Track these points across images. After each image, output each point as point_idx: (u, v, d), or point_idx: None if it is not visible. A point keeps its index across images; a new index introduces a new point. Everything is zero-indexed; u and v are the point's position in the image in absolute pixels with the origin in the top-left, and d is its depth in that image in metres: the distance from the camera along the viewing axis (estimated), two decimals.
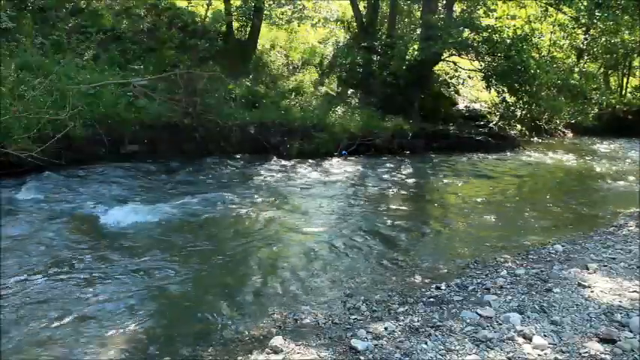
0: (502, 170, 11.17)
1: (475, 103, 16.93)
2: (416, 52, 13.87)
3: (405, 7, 16.28)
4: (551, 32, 17.79)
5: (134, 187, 7.51)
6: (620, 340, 3.21)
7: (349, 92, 14.41)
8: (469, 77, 16.18)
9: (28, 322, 3.61)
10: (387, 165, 10.73)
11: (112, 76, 10.21)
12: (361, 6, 15.65)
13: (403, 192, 8.44)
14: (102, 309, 3.84)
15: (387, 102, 13.49)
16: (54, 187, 7.14)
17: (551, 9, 16.52)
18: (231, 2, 13.81)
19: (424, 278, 4.68)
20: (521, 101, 14.99)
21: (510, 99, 14.92)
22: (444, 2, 14.24)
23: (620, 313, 3.60)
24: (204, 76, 11.05)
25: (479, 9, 13.88)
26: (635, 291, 4.02)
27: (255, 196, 7.48)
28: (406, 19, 16.20)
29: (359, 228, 6.28)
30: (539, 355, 3.10)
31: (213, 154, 9.92)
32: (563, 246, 5.48)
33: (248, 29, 14.01)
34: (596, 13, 14.62)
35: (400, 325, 3.58)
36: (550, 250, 5.38)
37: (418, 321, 3.62)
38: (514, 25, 14.50)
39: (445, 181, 9.77)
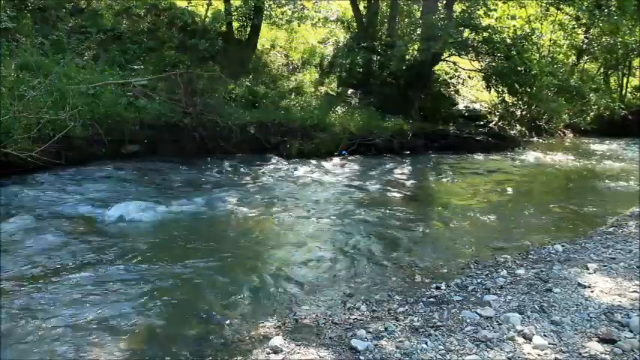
0: (502, 170, 11.17)
1: (475, 103, 16.93)
2: (416, 52, 13.87)
3: (405, 7, 16.28)
4: (552, 32, 17.78)
5: (134, 187, 7.51)
6: (620, 340, 3.21)
7: (349, 92, 14.41)
8: (469, 77, 16.16)
9: (28, 322, 3.61)
10: (387, 165, 10.73)
11: (112, 76, 10.21)
12: (361, 6, 15.64)
13: (403, 192, 8.44)
14: (101, 309, 3.83)
15: (387, 102, 13.49)
16: (54, 187, 7.14)
17: (551, 8, 16.52)
18: (231, 2, 13.80)
19: (424, 278, 4.67)
20: (521, 102, 15.00)
21: (510, 99, 14.93)
22: (444, 2, 14.24)
23: (620, 313, 3.60)
24: (204, 76, 11.07)
25: (479, 9, 13.87)
26: (635, 291, 4.02)
27: (255, 196, 7.48)
28: (406, 19, 16.19)
29: (359, 228, 6.28)
30: (539, 355, 3.10)
31: (213, 154, 9.92)
32: (563, 246, 5.48)
33: (248, 29, 14.01)
34: (597, 13, 14.64)
35: (400, 325, 3.58)
36: (550, 250, 5.38)
37: (418, 321, 3.62)
38: (514, 26, 14.51)
39: (445, 181, 9.77)
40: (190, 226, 5.98)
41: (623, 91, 21.12)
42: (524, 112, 15.95)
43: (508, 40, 13.43)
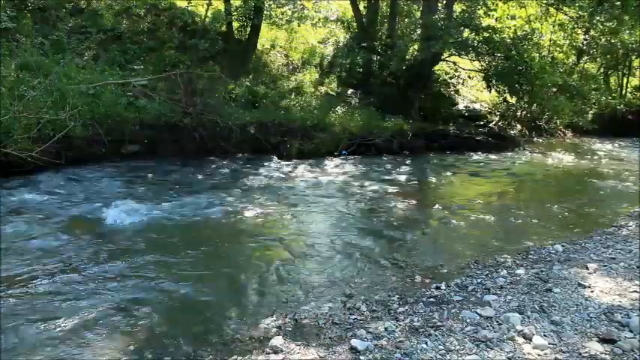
0: (502, 170, 11.17)
1: (475, 103, 16.94)
2: (416, 52, 13.87)
3: (405, 7, 16.29)
4: (552, 32, 17.78)
5: (134, 187, 7.51)
6: (620, 340, 3.21)
7: (349, 92, 14.42)
8: (469, 77, 16.15)
9: (28, 322, 3.61)
10: (387, 165, 10.73)
11: (112, 76, 10.21)
12: (361, 6, 15.65)
13: (403, 192, 8.43)
14: (102, 309, 3.84)
15: (387, 102, 13.49)
16: (54, 187, 7.14)
17: (551, 9, 16.52)
18: (231, 2, 13.80)
19: (424, 278, 4.67)
20: (521, 101, 14.99)
21: (511, 99, 14.93)
22: (444, 2, 14.25)
23: (620, 313, 3.60)
24: (204, 76, 11.06)
25: (479, 9, 13.88)
26: (635, 291, 4.02)
27: (255, 196, 7.48)
28: (406, 19, 16.20)
29: (359, 228, 6.28)
30: (539, 355, 3.10)
31: (213, 154, 9.92)
32: (563, 246, 5.48)
33: (248, 29, 14.01)
34: (598, 10, 14.62)
35: (400, 325, 3.58)
36: (550, 250, 5.38)
37: (418, 321, 3.62)
38: (514, 26, 14.50)
39: (445, 181, 9.77)
40: (190, 227, 5.98)
41: (623, 91, 21.12)
42: (524, 112, 15.95)
43: (508, 41, 13.44)
